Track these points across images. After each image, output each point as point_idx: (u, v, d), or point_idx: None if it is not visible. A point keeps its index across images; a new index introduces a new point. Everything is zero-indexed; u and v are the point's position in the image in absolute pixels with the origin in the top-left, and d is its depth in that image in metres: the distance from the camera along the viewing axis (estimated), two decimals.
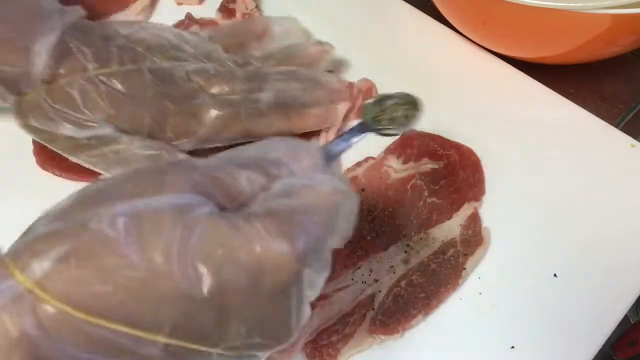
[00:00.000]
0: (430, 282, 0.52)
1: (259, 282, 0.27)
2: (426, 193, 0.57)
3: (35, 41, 0.48)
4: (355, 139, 0.42)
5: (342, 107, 0.59)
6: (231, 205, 0.30)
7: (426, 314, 0.51)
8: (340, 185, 0.32)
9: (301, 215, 0.29)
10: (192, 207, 0.27)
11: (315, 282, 0.31)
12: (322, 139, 0.59)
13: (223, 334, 0.27)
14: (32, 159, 0.57)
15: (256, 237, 0.27)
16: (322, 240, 0.30)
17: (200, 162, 0.31)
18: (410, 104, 0.45)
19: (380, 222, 0.55)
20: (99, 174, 0.56)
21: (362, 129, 0.43)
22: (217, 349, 0.27)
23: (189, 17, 0.68)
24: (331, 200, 0.31)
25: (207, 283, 0.26)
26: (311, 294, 0.31)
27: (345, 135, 0.42)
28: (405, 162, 0.59)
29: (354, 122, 0.63)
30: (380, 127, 0.43)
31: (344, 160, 0.60)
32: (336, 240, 0.32)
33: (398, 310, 0.51)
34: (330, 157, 0.38)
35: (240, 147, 0.33)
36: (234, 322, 0.27)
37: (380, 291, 0.52)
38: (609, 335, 0.51)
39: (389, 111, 0.44)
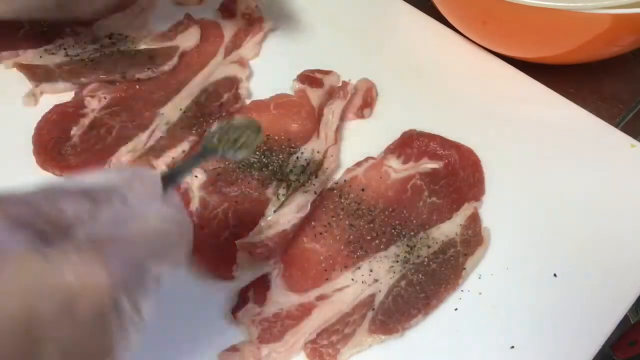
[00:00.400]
0: (430, 282, 0.52)
1: (73, 310, 0.27)
2: (426, 193, 0.57)
3: None
4: (195, 165, 0.44)
5: None
6: (55, 233, 0.29)
7: (426, 313, 0.51)
8: (170, 213, 0.32)
9: (122, 243, 0.29)
10: (2, 241, 0.27)
11: (141, 308, 0.31)
12: (322, 137, 0.59)
13: (36, 358, 0.27)
14: (32, 159, 0.57)
15: (69, 266, 0.27)
16: (144, 268, 0.30)
17: (19, 192, 0.30)
18: (250, 130, 0.47)
19: (380, 222, 0.55)
20: None
21: (202, 154, 0.45)
22: None
23: (187, 17, 0.68)
24: (156, 227, 0.31)
25: (15, 317, 0.26)
26: (138, 321, 0.31)
27: (185, 162, 0.43)
28: (405, 162, 0.59)
29: (352, 122, 0.63)
30: (220, 151, 0.45)
31: (344, 160, 0.60)
32: (166, 268, 0.32)
33: (398, 310, 0.51)
34: (170, 182, 0.38)
35: (74, 177, 0.33)
36: (47, 347, 0.27)
37: (380, 291, 0.52)
38: (609, 335, 0.51)
39: (227, 137, 0.46)
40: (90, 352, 0.29)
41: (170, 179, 0.39)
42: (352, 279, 0.52)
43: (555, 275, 0.54)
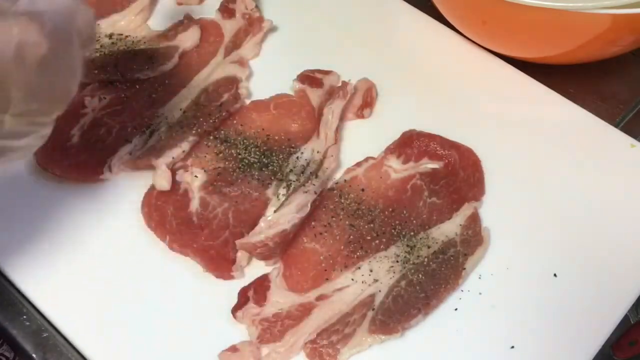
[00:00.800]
0: (430, 282, 0.52)
1: (22, 56, 0.37)
2: (426, 193, 0.57)
3: None
4: None
5: None
6: None
7: (426, 313, 0.51)
8: None
9: (46, 12, 0.39)
10: None
11: (74, 66, 0.42)
12: (322, 137, 0.59)
13: (6, 100, 0.37)
14: (32, 158, 0.57)
15: (13, 24, 0.37)
16: (68, 33, 0.41)
17: None
18: None
19: (380, 222, 0.55)
20: (100, 173, 0.56)
21: None
22: (6, 115, 0.38)
23: (187, 17, 0.68)
24: (68, 3, 0.42)
25: None
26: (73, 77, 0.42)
27: None
28: (405, 162, 0.59)
29: (352, 122, 0.63)
30: None
31: (344, 160, 0.60)
32: (82, 44, 0.42)
33: (398, 310, 0.51)
34: None
35: None
36: (12, 90, 0.37)
37: (380, 291, 0.52)
38: (609, 335, 0.51)
39: None
40: (43, 96, 0.40)
41: None
42: (352, 279, 0.52)
43: (555, 275, 0.54)
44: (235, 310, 0.50)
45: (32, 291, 0.51)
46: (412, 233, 0.55)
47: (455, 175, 0.58)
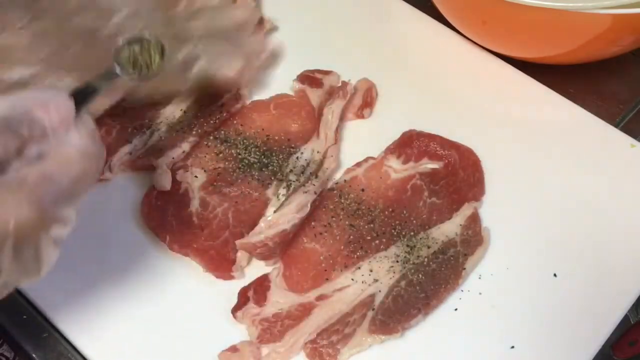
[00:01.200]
0: (430, 282, 0.52)
1: (14, 246, 0.32)
2: (426, 193, 0.57)
3: None
4: (104, 85, 0.42)
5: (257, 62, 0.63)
6: None
7: (426, 313, 0.51)
8: (88, 148, 0.36)
9: (47, 180, 0.33)
10: None
11: (59, 236, 0.36)
12: (322, 137, 0.59)
13: None
14: None
15: (4, 207, 0.31)
16: (67, 201, 0.35)
17: None
18: (155, 50, 0.47)
19: (380, 222, 0.55)
20: (100, 173, 0.56)
21: (110, 75, 0.44)
22: None
23: None
24: (79, 167, 0.35)
25: None
26: (54, 249, 0.36)
27: (94, 82, 0.42)
28: (405, 162, 0.59)
29: (352, 122, 0.63)
30: (128, 72, 0.45)
31: (344, 160, 0.60)
32: (81, 196, 0.37)
33: (398, 310, 0.51)
34: (81, 102, 0.38)
35: None
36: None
37: (380, 291, 0.52)
38: (609, 335, 0.51)
39: (137, 57, 0.46)
40: (17, 270, 0.34)
41: (81, 98, 0.38)
42: (352, 279, 0.52)
43: (555, 275, 0.54)
44: (235, 310, 0.50)
45: (31, 291, 0.51)
46: (412, 233, 0.55)
47: (455, 175, 0.58)
